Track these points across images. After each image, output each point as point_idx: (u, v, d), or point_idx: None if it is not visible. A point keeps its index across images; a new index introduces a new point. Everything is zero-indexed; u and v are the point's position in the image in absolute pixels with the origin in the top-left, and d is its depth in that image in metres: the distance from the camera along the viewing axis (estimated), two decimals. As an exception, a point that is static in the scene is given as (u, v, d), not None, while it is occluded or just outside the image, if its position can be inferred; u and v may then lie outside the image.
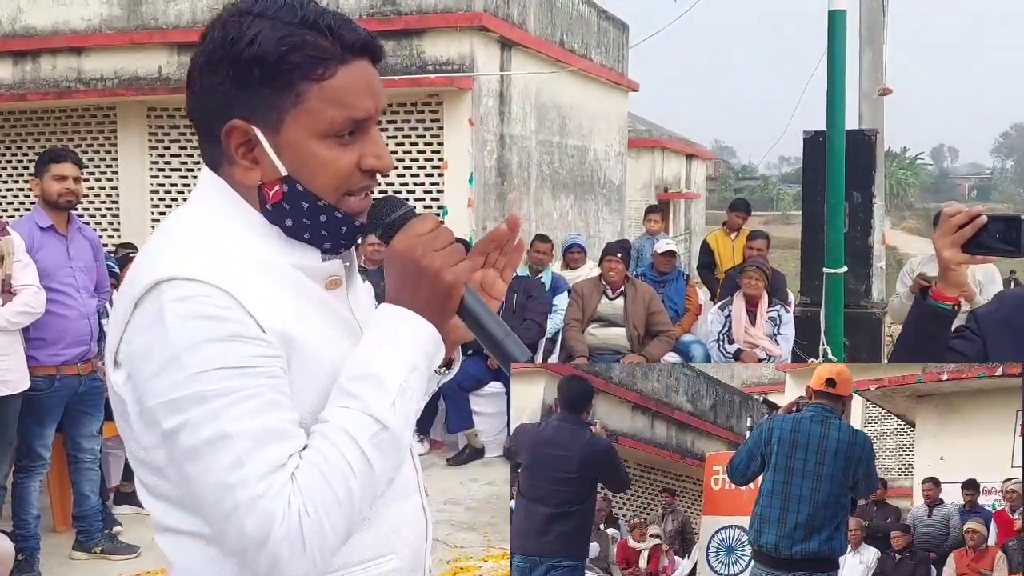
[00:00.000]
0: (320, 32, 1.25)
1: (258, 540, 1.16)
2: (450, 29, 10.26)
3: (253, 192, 1.30)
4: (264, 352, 1.20)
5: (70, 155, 4.72)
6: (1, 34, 11.97)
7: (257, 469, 1.16)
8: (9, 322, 4.28)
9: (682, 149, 22.62)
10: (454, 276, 1.25)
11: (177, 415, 1.18)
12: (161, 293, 1.19)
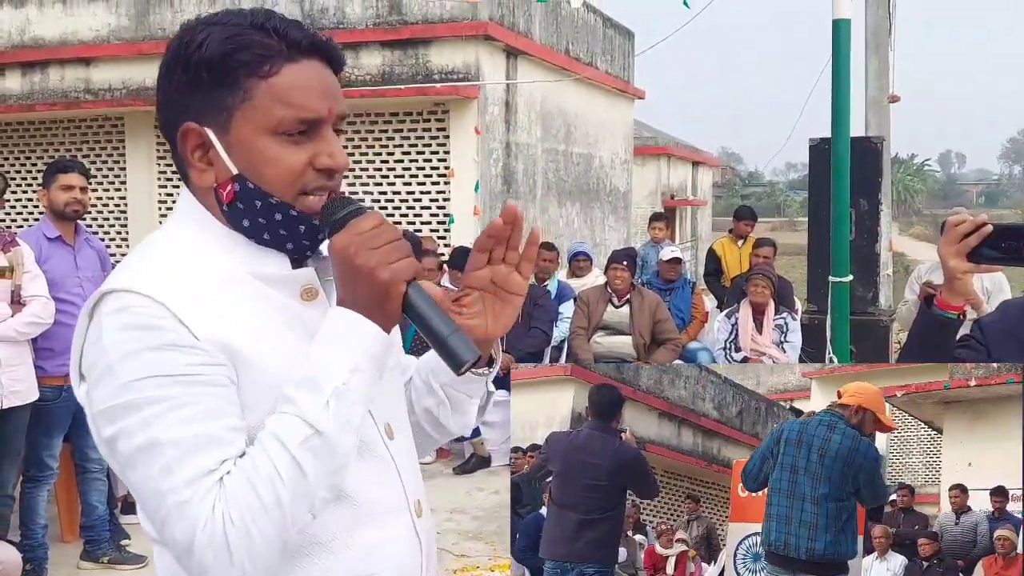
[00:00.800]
0: (266, 32, 1.27)
1: (185, 546, 1.16)
2: (456, 38, 10.30)
3: (210, 199, 1.31)
4: (203, 360, 1.20)
5: (77, 166, 4.75)
6: (10, 45, 12.03)
7: (184, 475, 1.16)
8: (19, 332, 4.30)
9: (688, 156, 22.62)
10: (391, 274, 1.23)
11: (113, 424, 1.20)
12: (103, 306, 1.22)
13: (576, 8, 12.98)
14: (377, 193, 10.75)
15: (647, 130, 21.02)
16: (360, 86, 10.61)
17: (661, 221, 9.23)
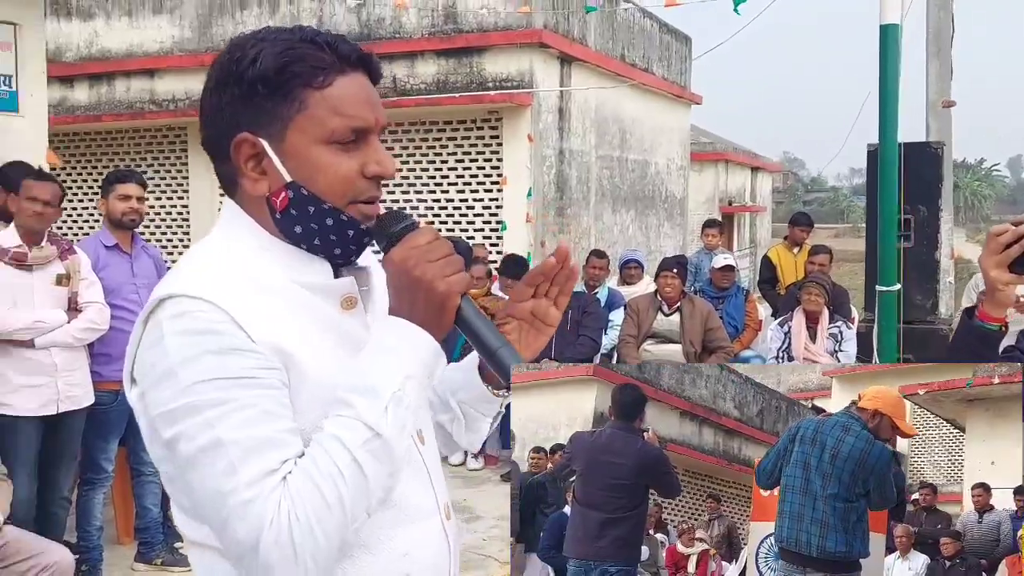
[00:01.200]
0: (318, 46, 1.32)
1: (250, 545, 1.18)
2: (510, 46, 10.34)
3: (264, 207, 1.35)
4: (260, 364, 1.24)
5: (135, 176, 4.85)
6: (78, 57, 12.39)
7: (248, 475, 1.19)
8: (75, 338, 4.41)
9: (747, 161, 22.37)
10: (447, 286, 1.28)
11: (175, 425, 1.22)
12: (162, 310, 1.25)
13: (631, 14, 12.94)
14: (431, 200, 10.83)
15: (705, 135, 20.84)
16: (415, 95, 10.72)
17: (715, 228, 9.13)
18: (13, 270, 4.24)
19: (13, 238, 4.28)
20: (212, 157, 1.39)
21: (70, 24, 12.38)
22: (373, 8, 10.86)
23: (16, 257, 4.24)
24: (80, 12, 12.32)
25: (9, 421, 4.16)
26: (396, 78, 10.83)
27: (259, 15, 11.51)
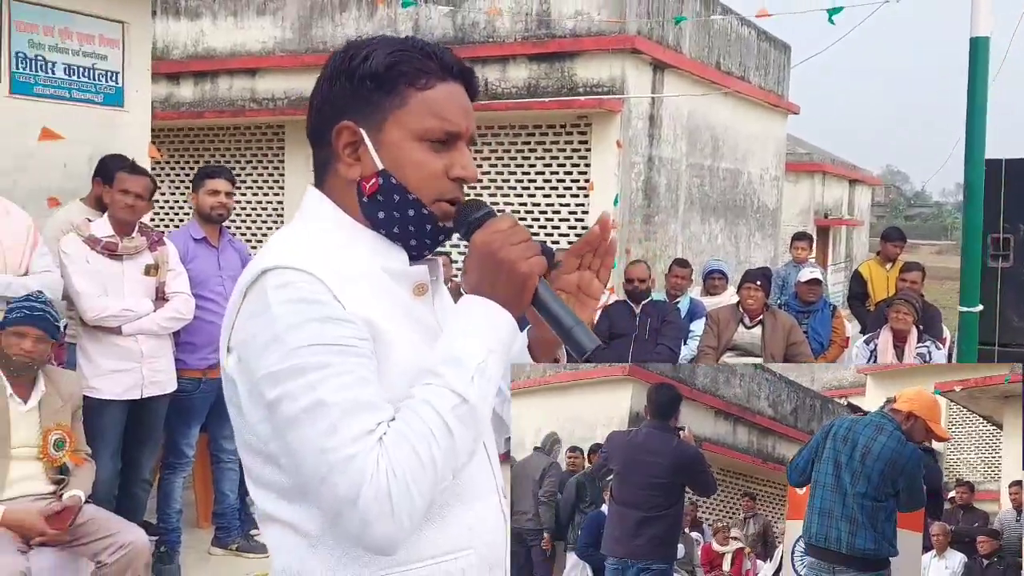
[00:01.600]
0: (424, 52, 1.45)
1: (350, 499, 1.26)
2: (602, 52, 10.31)
3: (352, 193, 1.45)
4: (355, 334, 1.33)
5: (224, 171, 5.01)
6: (184, 55, 12.83)
7: (349, 433, 1.27)
8: (160, 327, 4.57)
9: (845, 173, 21.81)
10: (528, 267, 1.37)
11: (278, 386, 1.31)
12: (265, 280, 1.34)
13: (728, 21, 12.76)
14: (517, 204, 10.87)
15: (802, 146, 20.40)
16: (506, 99, 10.77)
17: (804, 241, 8.92)
18: (105, 259, 4.42)
19: (106, 228, 4.46)
20: (313, 144, 1.50)
21: (178, 23, 12.83)
22: (468, 13, 10.96)
23: (108, 247, 4.42)
24: (188, 12, 12.76)
25: (96, 404, 4.34)
26: (488, 82, 10.91)
27: (357, 18, 11.74)
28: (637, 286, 6.94)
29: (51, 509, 3.65)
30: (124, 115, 6.91)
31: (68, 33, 6.47)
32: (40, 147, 6.24)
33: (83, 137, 6.46)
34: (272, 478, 1.40)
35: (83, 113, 6.57)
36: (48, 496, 3.78)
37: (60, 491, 3.80)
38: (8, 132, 6.03)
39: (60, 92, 6.44)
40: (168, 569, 4.87)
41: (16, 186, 6.09)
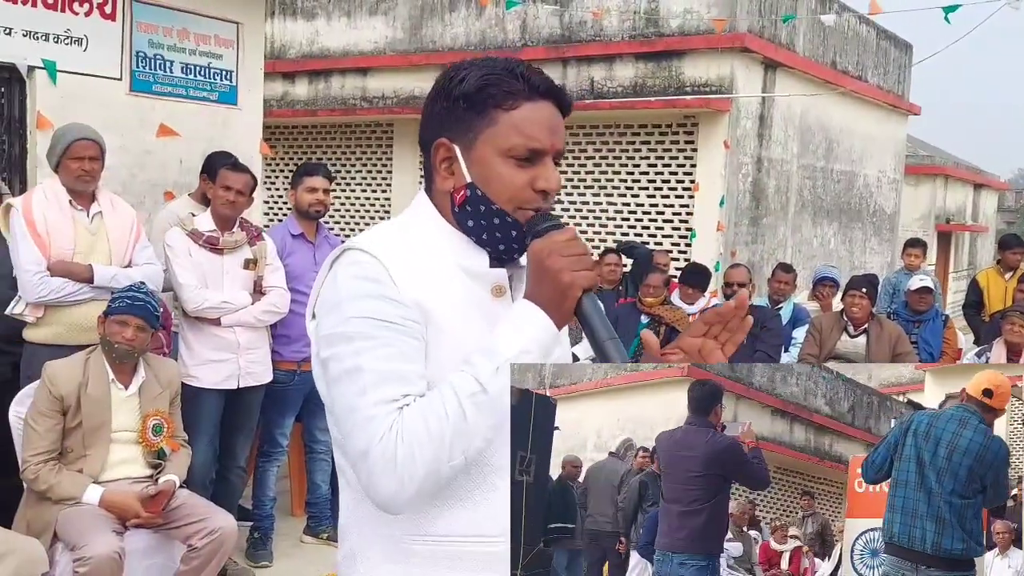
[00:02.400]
0: (514, 75, 1.57)
1: (362, 452, 1.44)
2: (711, 50, 10.13)
3: (448, 201, 1.61)
4: (405, 315, 1.49)
5: (321, 169, 5.12)
6: (300, 54, 13.19)
7: (374, 397, 1.44)
8: (257, 319, 4.70)
9: (969, 177, 20.86)
10: (571, 278, 1.46)
11: (330, 347, 1.50)
12: (343, 258, 1.54)
13: (846, 19, 12.36)
14: (620, 204, 10.79)
15: (923, 148, 19.62)
16: (611, 98, 10.70)
17: (918, 248, 8.56)
18: (207, 252, 4.57)
19: (209, 223, 4.62)
20: (423, 153, 1.66)
21: (295, 23, 13.20)
22: (576, 11, 10.93)
23: (209, 241, 4.57)
24: (304, 12, 13.10)
25: (194, 392, 4.50)
26: (594, 80, 10.86)
27: (466, 17, 11.84)
28: (736, 290, 6.79)
29: (147, 493, 3.80)
30: (237, 113, 7.15)
31: (186, 33, 6.73)
32: (157, 143, 6.52)
33: (198, 134, 6.72)
34: (335, 431, 1.57)
35: (198, 111, 6.83)
36: (145, 479, 3.93)
37: (156, 475, 3.95)
38: (128, 128, 6.32)
39: (177, 90, 6.70)
40: (261, 554, 5.02)
41: (134, 180, 6.38)
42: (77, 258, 4.22)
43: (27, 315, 4.20)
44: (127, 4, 6.24)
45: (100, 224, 4.33)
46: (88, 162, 4.26)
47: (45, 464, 3.76)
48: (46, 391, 3.81)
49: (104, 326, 3.92)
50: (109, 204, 4.39)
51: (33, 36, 5.74)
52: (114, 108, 6.18)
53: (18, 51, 5.66)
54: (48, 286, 4.12)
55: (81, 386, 3.84)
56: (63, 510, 3.71)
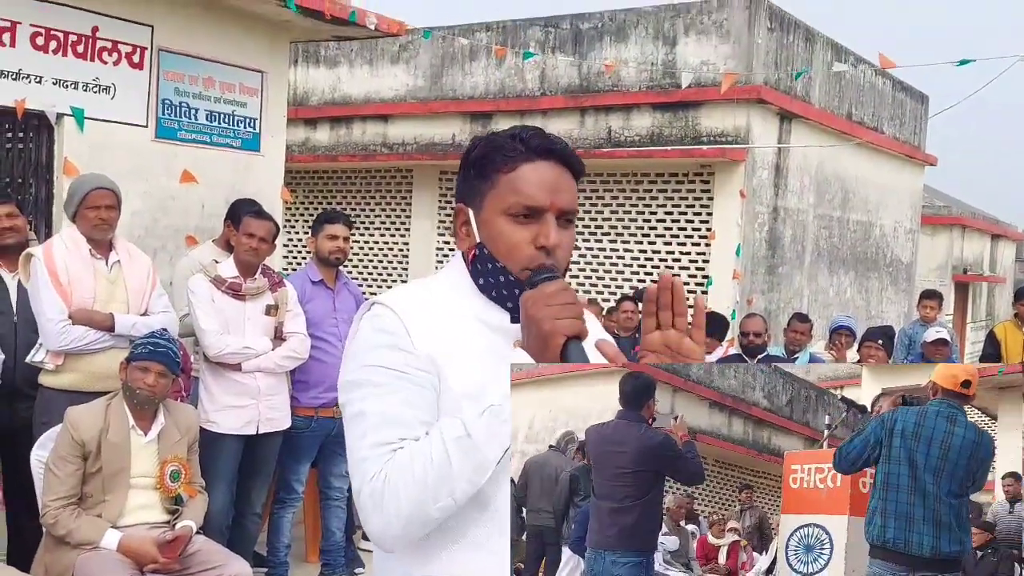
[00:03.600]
0: (514, 139, 1.67)
1: (356, 491, 1.56)
2: (727, 101, 10.22)
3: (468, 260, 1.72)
4: (415, 364, 1.58)
5: (341, 217, 5.19)
6: (322, 101, 13.39)
7: (371, 440, 1.55)
8: (277, 365, 4.75)
9: (986, 228, 20.83)
10: (552, 327, 1.51)
11: (346, 393, 1.63)
12: (368, 312, 1.66)
13: (862, 71, 12.46)
14: (637, 251, 10.84)
15: (939, 198, 19.64)
16: (629, 146, 10.80)
17: (934, 299, 8.54)
18: (229, 299, 4.63)
19: (231, 269, 4.69)
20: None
21: (318, 71, 13.41)
22: (594, 62, 11.08)
23: (232, 287, 4.63)
24: (327, 60, 13.32)
25: (213, 437, 4.53)
26: (611, 129, 10.97)
27: (486, 66, 12.01)
28: (752, 340, 6.79)
29: (164, 538, 3.82)
30: (260, 159, 7.27)
31: (211, 82, 6.87)
32: (181, 188, 6.63)
33: (220, 180, 6.83)
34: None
35: (221, 157, 6.95)
36: (162, 525, 3.95)
37: (174, 521, 3.97)
38: (152, 174, 6.43)
39: (201, 137, 6.83)
40: (275, 601, 5.01)
41: (157, 225, 6.48)
42: (97, 306, 4.28)
43: (47, 363, 4.26)
44: (155, 53, 6.38)
45: (119, 273, 4.40)
46: (105, 211, 4.33)
47: (65, 509, 3.79)
48: (68, 436, 3.85)
49: (126, 372, 3.96)
50: (126, 253, 4.46)
51: (62, 84, 5.87)
52: (139, 155, 6.30)
53: (47, 99, 5.79)
54: (71, 335, 4.18)
55: (102, 432, 3.88)
56: (81, 555, 3.73)
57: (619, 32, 11.02)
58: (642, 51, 10.83)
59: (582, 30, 11.27)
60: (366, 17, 7.21)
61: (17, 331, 4.43)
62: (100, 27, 6.03)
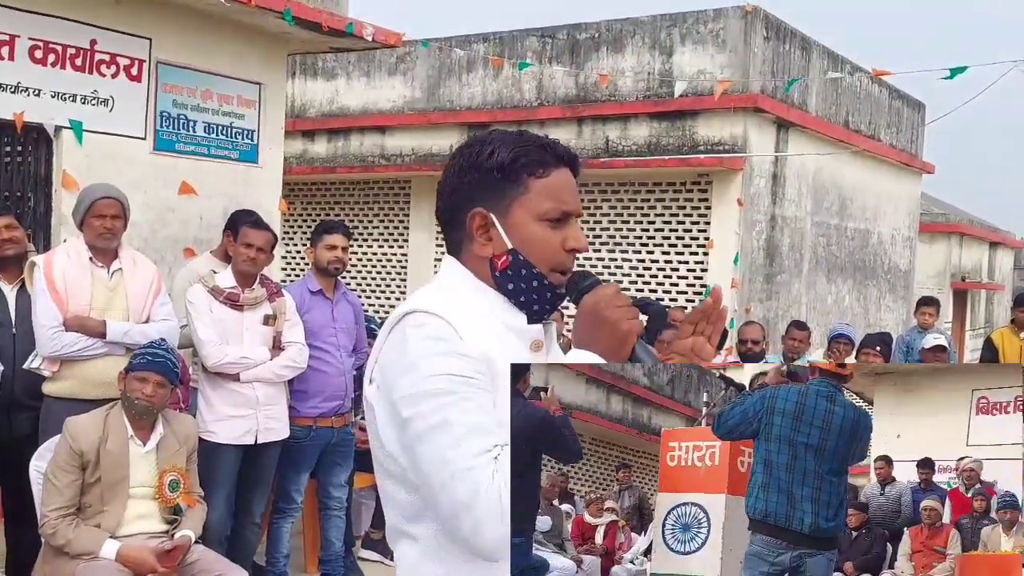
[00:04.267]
0: (540, 145, 1.69)
1: (466, 504, 1.48)
2: (724, 110, 10.26)
3: (485, 265, 1.69)
4: (477, 369, 1.55)
5: (340, 227, 5.20)
6: (320, 113, 13.42)
7: (470, 449, 1.49)
8: (276, 375, 4.75)
9: (984, 235, 20.87)
10: (629, 326, 1.59)
11: (413, 406, 1.54)
12: (406, 322, 1.60)
13: (858, 79, 12.51)
14: (635, 260, 10.86)
15: (937, 206, 19.67)
16: (626, 156, 10.83)
17: (931, 306, 8.55)
18: (227, 309, 4.64)
19: (229, 280, 4.70)
20: (444, 223, 1.75)
21: (315, 83, 13.45)
22: (591, 73, 11.12)
23: (230, 297, 4.64)
24: (325, 72, 13.36)
25: (212, 447, 4.53)
26: (609, 139, 11.00)
27: (483, 77, 12.05)
28: (751, 347, 6.80)
29: (162, 548, 3.81)
30: (258, 171, 7.29)
31: (209, 94, 6.90)
32: (179, 200, 6.65)
33: (219, 191, 6.85)
34: (400, 498, 1.63)
35: (220, 169, 6.97)
36: (161, 535, 3.95)
37: (172, 531, 3.97)
38: (151, 186, 6.45)
39: (200, 149, 6.85)
40: (274, 611, 5.00)
41: (155, 236, 6.49)
42: (94, 313, 4.28)
43: (43, 369, 4.27)
44: (153, 66, 6.41)
45: (119, 280, 4.41)
46: (110, 220, 4.35)
47: (63, 519, 3.79)
48: (67, 446, 3.86)
49: (124, 382, 3.97)
50: (131, 261, 4.46)
51: (61, 97, 5.90)
52: (138, 166, 6.31)
53: (46, 111, 5.81)
54: (61, 340, 4.19)
55: (101, 441, 3.88)
56: (80, 565, 3.73)
57: (616, 42, 11.06)
58: (639, 61, 10.88)
59: (579, 40, 11.31)
60: (363, 29, 7.24)
61: (16, 343, 4.43)
62: (98, 40, 6.06)
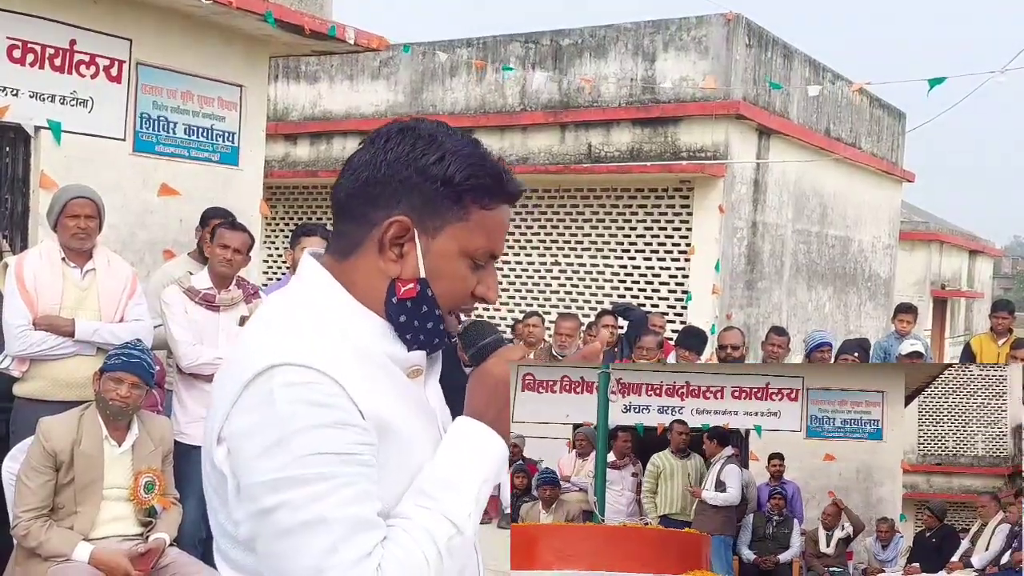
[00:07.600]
0: (496, 172, 1.40)
1: None
2: (706, 117, 10.31)
3: (379, 282, 1.38)
4: (362, 440, 1.27)
5: (319, 230, 5.19)
6: (302, 117, 13.40)
7: (349, 556, 1.22)
8: (252, 378, 4.72)
9: (964, 244, 21.04)
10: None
11: (278, 494, 1.23)
12: (272, 377, 1.25)
13: (839, 87, 12.59)
14: (617, 266, 10.88)
15: (917, 214, 19.81)
16: (608, 162, 10.86)
17: (909, 313, 8.60)
18: (203, 310, 4.62)
19: (205, 281, 4.68)
20: (344, 213, 1.43)
21: (298, 86, 13.43)
22: (574, 78, 11.15)
23: (206, 298, 4.62)
24: (307, 76, 13.34)
25: (187, 449, 4.50)
26: (591, 145, 11.03)
27: (466, 82, 12.06)
28: (730, 353, 6.83)
29: (136, 550, 3.79)
30: (238, 173, 7.26)
31: (190, 95, 6.87)
32: (159, 202, 6.61)
33: (199, 194, 6.81)
34: (245, 562, 1.35)
35: (200, 171, 6.94)
36: (135, 537, 3.92)
37: (147, 533, 3.94)
38: (130, 187, 6.41)
39: (180, 151, 6.82)
40: (250, 615, 4.96)
41: (134, 239, 6.45)
42: (64, 313, 4.26)
43: (12, 369, 4.24)
44: (133, 67, 6.38)
45: (92, 280, 4.38)
46: (84, 220, 4.32)
47: (36, 520, 3.76)
48: (40, 447, 3.82)
49: (99, 383, 3.94)
50: (105, 261, 4.44)
51: (39, 97, 5.86)
52: (117, 168, 6.28)
53: (24, 111, 5.77)
54: (28, 339, 4.17)
55: (75, 443, 3.85)
56: (52, 567, 3.70)
57: (599, 48, 11.10)
58: (622, 67, 10.91)
59: (562, 46, 11.34)
60: (346, 32, 7.23)
61: (-11, 344, 4.40)
62: (78, 40, 6.03)
